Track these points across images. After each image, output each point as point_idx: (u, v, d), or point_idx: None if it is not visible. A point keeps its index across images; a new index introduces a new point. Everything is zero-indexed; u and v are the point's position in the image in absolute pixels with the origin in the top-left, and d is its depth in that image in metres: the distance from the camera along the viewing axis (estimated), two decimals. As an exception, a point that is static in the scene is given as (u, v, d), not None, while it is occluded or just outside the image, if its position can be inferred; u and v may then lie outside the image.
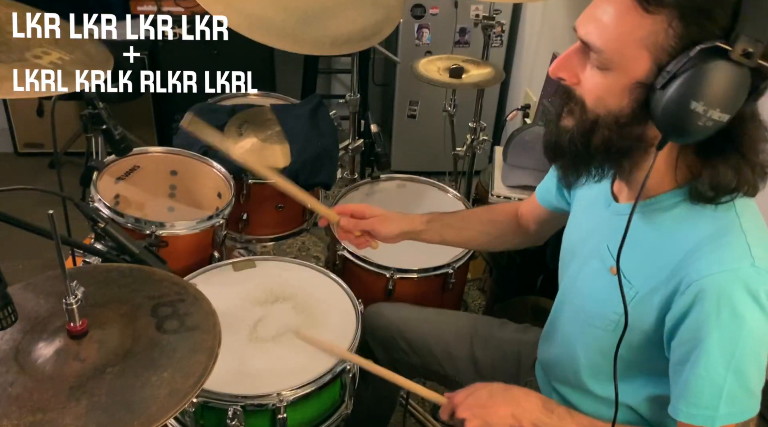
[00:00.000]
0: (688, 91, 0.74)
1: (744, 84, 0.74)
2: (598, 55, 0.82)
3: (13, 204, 1.16)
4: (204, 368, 0.88)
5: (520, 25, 3.04)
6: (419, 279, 1.59)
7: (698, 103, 0.74)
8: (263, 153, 1.82)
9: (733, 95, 0.74)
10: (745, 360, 0.84)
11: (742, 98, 0.75)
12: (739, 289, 0.82)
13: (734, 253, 0.83)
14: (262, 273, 1.48)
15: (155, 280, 1.05)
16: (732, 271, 0.82)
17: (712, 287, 0.82)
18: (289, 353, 1.27)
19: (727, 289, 0.82)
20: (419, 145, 3.19)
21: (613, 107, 0.83)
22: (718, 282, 0.82)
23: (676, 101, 0.75)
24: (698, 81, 0.74)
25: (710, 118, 0.74)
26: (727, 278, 0.82)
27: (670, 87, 0.76)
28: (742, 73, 0.73)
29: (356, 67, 1.92)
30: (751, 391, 0.86)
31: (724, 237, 0.85)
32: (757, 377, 0.86)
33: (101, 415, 0.81)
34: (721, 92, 0.73)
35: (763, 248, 0.84)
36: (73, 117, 2.82)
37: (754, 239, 0.84)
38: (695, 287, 0.83)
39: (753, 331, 0.83)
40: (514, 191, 2.06)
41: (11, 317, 0.85)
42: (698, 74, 0.74)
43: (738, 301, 0.82)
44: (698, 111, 0.74)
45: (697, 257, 0.85)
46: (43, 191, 1.17)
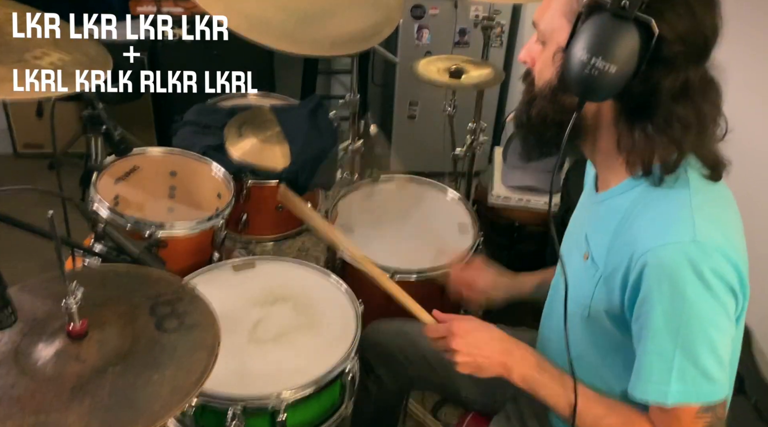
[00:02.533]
0: (579, 44, 0.82)
1: (627, 36, 0.79)
2: (538, 31, 0.93)
3: (13, 204, 1.16)
4: (205, 365, 0.89)
5: (520, 25, 3.04)
6: (419, 281, 1.59)
7: (585, 53, 0.81)
8: (263, 153, 1.82)
9: (615, 45, 0.80)
10: (693, 339, 0.84)
11: (631, 52, 0.80)
12: (680, 263, 0.82)
13: (677, 227, 0.84)
14: (261, 273, 1.48)
15: (152, 280, 1.06)
16: (673, 244, 0.83)
17: (653, 260, 0.84)
18: (289, 354, 1.27)
19: (667, 262, 0.83)
20: (419, 145, 3.19)
21: (547, 77, 0.92)
22: (659, 256, 0.83)
23: (571, 56, 0.83)
24: (584, 33, 0.82)
25: (596, 67, 0.80)
26: (668, 251, 0.83)
27: (570, 45, 0.84)
28: (621, 24, 0.79)
29: (356, 67, 1.92)
30: (706, 373, 0.85)
31: (671, 211, 0.87)
32: (712, 359, 0.85)
33: (104, 414, 0.81)
34: (602, 41, 0.80)
35: (709, 225, 0.84)
36: (72, 118, 2.81)
37: (702, 215, 0.85)
38: (641, 261, 0.85)
39: (697, 309, 0.83)
40: (514, 192, 2.06)
41: (11, 317, 0.85)
42: (584, 28, 0.82)
43: (678, 276, 0.82)
44: (584, 59, 0.81)
45: (643, 231, 0.87)
46: (43, 192, 1.17)
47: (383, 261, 1.57)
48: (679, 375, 0.86)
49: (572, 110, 0.88)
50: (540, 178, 2.10)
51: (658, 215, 0.87)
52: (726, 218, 0.89)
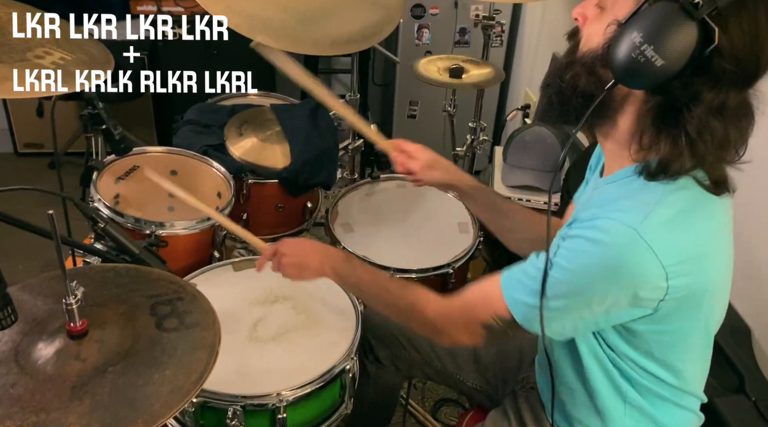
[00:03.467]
0: (636, 25, 0.79)
1: (687, 35, 0.76)
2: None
3: (13, 204, 1.16)
4: (205, 365, 0.89)
5: (520, 25, 3.04)
6: (419, 279, 1.59)
7: (638, 35, 0.78)
8: (263, 153, 1.83)
9: (671, 39, 0.77)
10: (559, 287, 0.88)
11: (683, 52, 0.77)
12: (608, 236, 0.83)
13: (631, 212, 0.84)
14: (261, 273, 1.48)
15: (152, 279, 1.06)
16: (617, 221, 0.84)
17: (594, 222, 0.86)
18: (289, 353, 1.27)
19: (600, 227, 0.84)
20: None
21: (593, 45, 0.88)
22: (600, 221, 0.85)
23: (625, 33, 0.80)
24: (646, 16, 0.79)
25: (643, 54, 0.77)
26: (608, 222, 0.84)
27: (629, 23, 0.80)
28: (685, 21, 0.76)
29: (356, 67, 1.92)
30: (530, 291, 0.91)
31: (636, 199, 0.86)
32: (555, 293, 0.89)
33: (105, 414, 0.81)
34: (660, 31, 0.77)
35: (662, 224, 0.84)
36: (73, 117, 2.81)
37: (662, 213, 0.84)
38: (590, 222, 0.87)
39: (585, 277, 0.86)
40: (514, 191, 2.06)
41: (11, 317, 0.85)
42: (649, 11, 0.79)
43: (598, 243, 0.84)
44: (636, 42, 0.78)
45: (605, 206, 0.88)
46: (43, 191, 1.17)
47: (383, 261, 1.57)
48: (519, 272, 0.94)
49: (605, 86, 0.86)
50: (540, 178, 2.10)
51: (626, 199, 0.88)
52: (689, 226, 0.87)
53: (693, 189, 0.88)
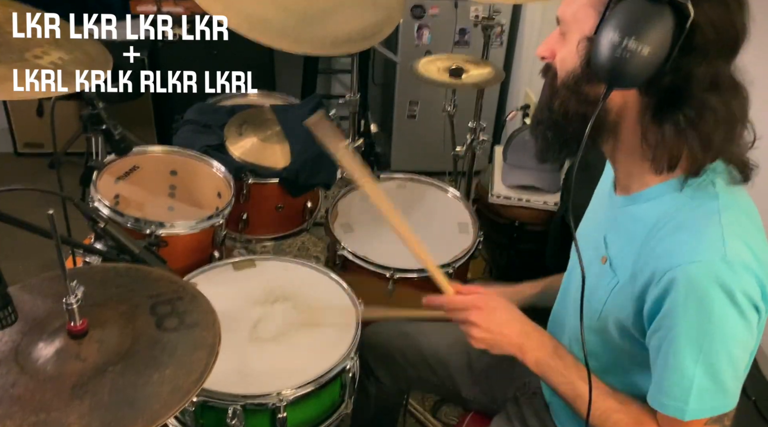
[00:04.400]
0: (609, 28, 0.80)
1: (662, 17, 0.77)
2: (562, 23, 0.91)
3: (13, 204, 1.16)
4: (206, 365, 0.89)
5: (520, 25, 3.04)
6: (419, 279, 1.59)
7: (616, 34, 0.78)
8: (263, 152, 1.83)
9: (649, 25, 0.77)
10: (716, 355, 0.84)
11: (664, 35, 0.78)
12: (708, 281, 0.81)
13: (708, 244, 0.83)
14: (262, 273, 1.48)
15: (152, 279, 1.06)
16: (703, 262, 0.82)
17: (681, 277, 0.83)
18: (289, 352, 1.27)
19: (695, 280, 0.82)
20: (419, 145, 3.19)
21: (570, 67, 0.89)
22: (688, 273, 0.82)
23: (600, 40, 0.81)
24: (615, 17, 0.80)
25: (627, 49, 0.78)
26: (697, 269, 0.82)
27: (599, 31, 0.81)
28: (655, 6, 0.77)
29: (356, 67, 1.92)
30: (723, 387, 0.86)
31: (701, 228, 0.85)
32: (731, 374, 0.86)
33: (105, 413, 0.81)
34: (636, 22, 0.78)
35: (738, 243, 0.83)
36: (73, 117, 2.80)
37: (731, 232, 0.84)
38: (667, 277, 0.84)
39: (722, 327, 0.83)
40: (514, 191, 2.06)
41: (11, 316, 0.85)
42: (616, 12, 0.80)
43: (706, 294, 0.82)
44: (615, 41, 0.78)
45: (672, 247, 0.85)
46: (43, 191, 1.16)
47: (383, 261, 1.57)
48: (698, 393, 0.86)
49: (596, 101, 0.85)
50: (540, 178, 2.10)
51: (687, 231, 0.85)
52: (753, 232, 0.87)
53: (737, 194, 0.88)
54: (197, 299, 1.01)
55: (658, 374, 0.89)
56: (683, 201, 0.88)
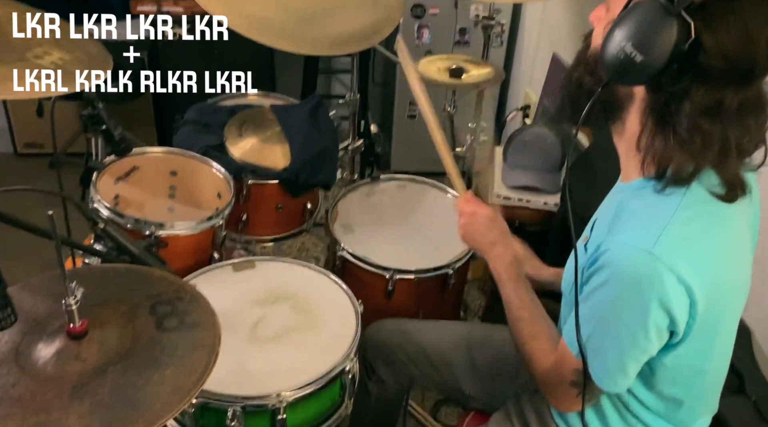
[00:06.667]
0: (620, 23, 0.81)
1: (666, 31, 0.77)
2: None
3: (13, 204, 1.15)
4: (206, 365, 0.89)
5: (520, 25, 3.04)
6: (419, 279, 1.59)
7: (620, 34, 0.80)
8: (263, 153, 1.82)
9: (650, 36, 0.78)
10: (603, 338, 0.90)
11: (663, 46, 0.77)
12: (626, 266, 0.84)
13: (643, 233, 0.84)
14: (261, 273, 1.48)
15: (152, 279, 1.06)
16: (631, 247, 0.84)
17: (610, 256, 0.86)
18: (289, 353, 1.27)
19: (617, 261, 0.85)
20: (419, 145, 3.17)
21: (596, 45, 0.90)
22: (615, 253, 0.86)
23: (612, 32, 0.81)
24: (629, 14, 0.80)
25: (623, 51, 0.79)
26: (623, 251, 0.85)
27: (616, 21, 0.82)
28: (664, 18, 0.77)
29: (356, 67, 1.92)
30: (604, 362, 0.91)
31: (649, 218, 0.86)
32: (615, 359, 0.90)
33: (105, 414, 0.81)
34: (639, 29, 0.78)
35: (675, 243, 0.83)
36: (73, 117, 2.80)
37: (675, 231, 0.83)
38: (602, 255, 0.88)
39: (619, 311, 0.87)
40: (514, 191, 2.06)
41: (11, 317, 0.85)
42: (632, 9, 0.80)
43: (620, 276, 0.85)
44: (617, 40, 0.80)
45: (619, 228, 0.88)
46: (43, 191, 1.16)
47: (383, 261, 1.57)
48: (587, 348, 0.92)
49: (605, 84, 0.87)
50: (540, 178, 2.09)
51: (637, 218, 0.88)
52: (706, 242, 0.86)
53: (708, 203, 0.87)
54: (197, 300, 1.01)
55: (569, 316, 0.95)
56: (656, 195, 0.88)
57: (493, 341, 1.37)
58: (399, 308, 1.61)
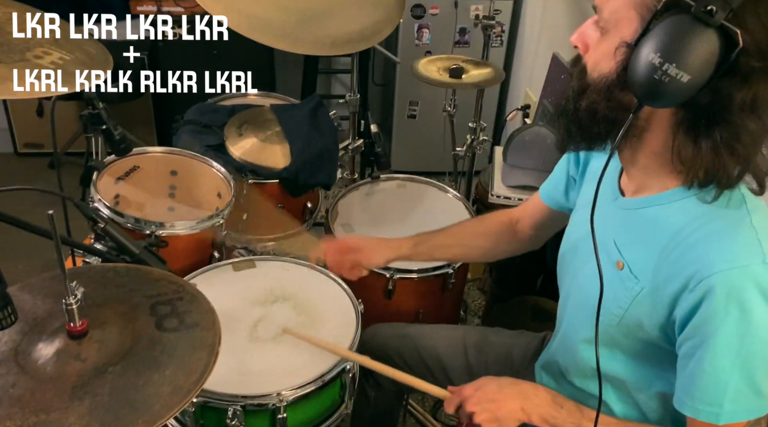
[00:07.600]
0: (651, 44, 0.75)
1: (708, 44, 0.73)
2: (600, 17, 0.86)
3: (13, 204, 1.16)
4: (206, 365, 0.88)
5: (520, 25, 3.04)
6: (419, 279, 1.59)
7: (656, 56, 0.74)
8: (263, 153, 1.82)
9: (692, 53, 0.73)
10: (753, 359, 0.83)
11: (708, 62, 0.74)
12: (749, 286, 0.80)
13: (745, 249, 0.82)
14: (262, 273, 1.48)
15: (152, 279, 1.06)
16: (742, 267, 0.81)
17: (721, 283, 0.81)
18: (289, 353, 1.27)
19: (736, 285, 0.81)
20: (419, 145, 3.19)
21: (605, 71, 0.85)
22: (728, 278, 0.81)
23: (640, 55, 0.76)
24: (658, 34, 0.75)
25: (667, 74, 0.74)
26: (738, 274, 0.81)
27: (641, 43, 0.77)
28: (703, 31, 0.73)
29: (356, 67, 1.92)
30: (759, 391, 0.85)
31: (735, 233, 0.84)
32: (766, 377, 0.85)
33: (105, 414, 0.81)
34: (679, 47, 0.73)
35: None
36: (73, 117, 2.82)
37: (766, 235, 0.83)
38: (705, 283, 0.82)
39: (761, 329, 0.82)
40: (514, 191, 2.06)
41: (11, 317, 0.85)
42: (661, 28, 0.75)
43: (747, 298, 0.81)
44: (656, 63, 0.74)
45: (707, 253, 0.84)
46: (43, 191, 1.16)
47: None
48: (733, 397, 0.85)
49: (627, 109, 0.82)
50: (540, 178, 2.09)
51: (721, 237, 0.84)
52: None
53: (756, 199, 0.87)
54: (197, 300, 1.01)
55: (689, 380, 0.88)
56: (712, 208, 0.86)
57: (489, 343, 1.36)
58: (399, 308, 1.61)
